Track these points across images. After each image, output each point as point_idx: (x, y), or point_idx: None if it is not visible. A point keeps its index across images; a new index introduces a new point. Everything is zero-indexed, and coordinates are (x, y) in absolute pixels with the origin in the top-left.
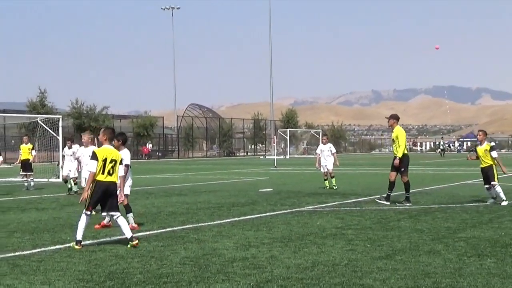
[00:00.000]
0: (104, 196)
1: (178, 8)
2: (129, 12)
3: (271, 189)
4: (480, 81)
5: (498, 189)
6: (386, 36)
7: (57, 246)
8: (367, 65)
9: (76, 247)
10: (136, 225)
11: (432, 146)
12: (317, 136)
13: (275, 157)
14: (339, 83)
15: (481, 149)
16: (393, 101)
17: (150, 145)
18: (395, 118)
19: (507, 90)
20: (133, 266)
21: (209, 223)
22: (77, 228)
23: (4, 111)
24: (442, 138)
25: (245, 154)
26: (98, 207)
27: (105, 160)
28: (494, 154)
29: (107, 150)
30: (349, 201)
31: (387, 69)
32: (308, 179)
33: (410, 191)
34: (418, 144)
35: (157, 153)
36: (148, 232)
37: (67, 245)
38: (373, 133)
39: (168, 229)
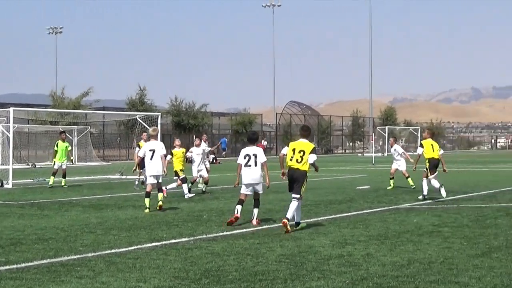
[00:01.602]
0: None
1: (279, 6)
2: (229, 9)
3: (368, 187)
4: None
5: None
6: (485, 32)
7: (154, 244)
8: (466, 62)
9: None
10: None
11: None
12: (416, 133)
13: (373, 154)
14: (438, 81)
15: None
16: (492, 98)
17: (266, 142)
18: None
19: None
20: (229, 263)
21: (306, 221)
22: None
23: (104, 109)
24: None
25: (343, 151)
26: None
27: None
28: None
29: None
30: (446, 198)
31: (487, 66)
32: (402, 176)
33: (507, 188)
34: None
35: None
36: (244, 230)
37: (164, 242)
38: (472, 131)
39: (264, 227)
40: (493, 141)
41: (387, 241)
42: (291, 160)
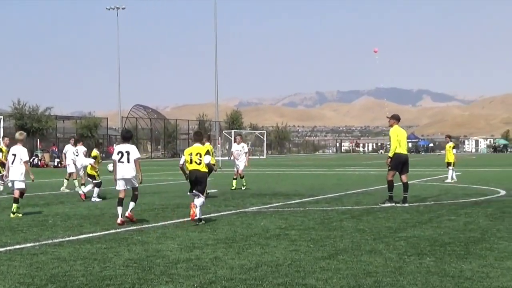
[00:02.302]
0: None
1: (123, 8)
2: (74, 11)
3: (215, 190)
4: (420, 83)
5: None
6: (329, 37)
7: None
8: (311, 67)
9: None
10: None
11: (374, 147)
12: (262, 137)
13: (220, 158)
14: (283, 85)
15: None
16: (337, 102)
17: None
18: (394, 118)
19: (447, 92)
20: (76, 268)
21: (153, 225)
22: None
23: None
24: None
25: None
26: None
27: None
28: None
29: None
30: (293, 201)
31: (331, 70)
32: (252, 180)
33: (352, 191)
34: (361, 145)
35: (101, 155)
36: (91, 234)
37: (8, 248)
38: (317, 134)
39: (111, 231)
40: (337, 144)
41: (235, 244)
42: (191, 163)
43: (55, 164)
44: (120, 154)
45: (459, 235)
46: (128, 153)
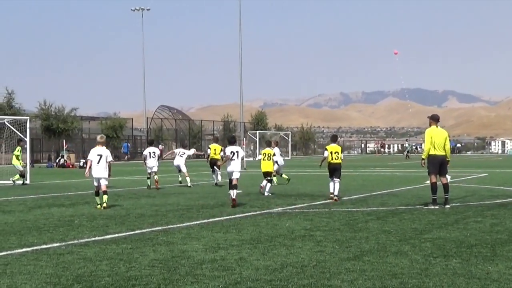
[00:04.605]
0: None
1: (148, 10)
2: (99, 13)
3: (240, 191)
4: (446, 84)
5: None
6: (354, 38)
7: (24, 249)
8: (335, 68)
9: None
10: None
11: (399, 148)
12: (286, 138)
13: (245, 159)
14: (308, 86)
15: None
16: (361, 103)
17: (162, 146)
18: (431, 118)
19: (472, 93)
20: (101, 268)
21: (178, 225)
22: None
23: None
24: (407, 140)
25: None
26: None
27: None
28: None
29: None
30: (318, 202)
31: (356, 71)
32: (278, 181)
33: (377, 192)
34: (386, 146)
35: (127, 155)
36: (117, 235)
37: (34, 248)
38: (342, 135)
39: (137, 231)
40: (362, 145)
41: (260, 245)
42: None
43: (81, 164)
44: (232, 153)
45: (486, 236)
46: (237, 152)
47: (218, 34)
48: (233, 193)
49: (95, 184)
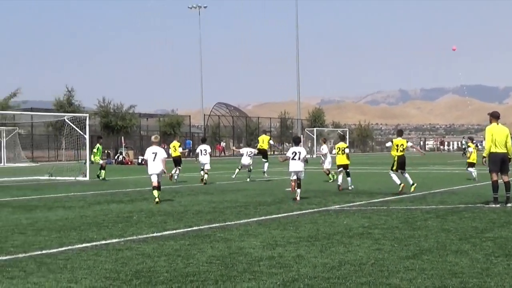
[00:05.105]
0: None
1: (205, 7)
2: (155, 11)
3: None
4: (507, 80)
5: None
6: (412, 34)
7: (84, 245)
8: (393, 64)
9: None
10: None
11: (459, 145)
12: (344, 135)
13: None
14: (365, 82)
15: None
16: (420, 100)
17: (224, 143)
18: (491, 115)
19: None
20: (160, 264)
21: (235, 222)
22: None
23: (32, 110)
24: (463, 137)
25: (272, 152)
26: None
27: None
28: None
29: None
30: (376, 200)
31: (414, 68)
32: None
33: (436, 190)
34: (446, 143)
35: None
36: (174, 231)
37: (94, 243)
38: None
39: (194, 228)
40: (421, 143)
41: (318, 243)
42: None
43: (139, 161)
44: (294, 153)
45: None
46: (300, 152)
47: (275, 31)
48: (298, 192)
49: (152, 180)
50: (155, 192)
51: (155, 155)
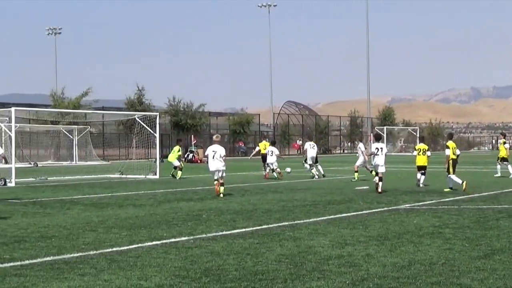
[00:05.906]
0: None
1: (275, 6)
2: (226, 9)
3: (367, 187)
4: None
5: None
6: (485, 31)
7: (154, 242)
8: (465, 62)
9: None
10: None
11: None
12: (415, 133)
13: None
14: (436, 80)
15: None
16: (492, 98)
17: (300, 142)
18: None
19: None
20: (229, 263)
21: (305, 221)
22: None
23: (103, 108)
24: None
25: (342, 151)
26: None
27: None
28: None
29: None
30: (447, 199)
31: (487, 65)
32: (404, 177)
33: (509, 190)
34: None
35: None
36: (243, 229)
37: (164, 241)
38: (472, 131)
39: (263, 227)
40: (493, 141)
41: (387, 242)
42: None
43: None
44: (377, 149)
45: None
46: (381, 149)
47: (345, 28)
48: (380, 184)
49: (214, 176)
50: (221, 188)
51: (215, 153)
